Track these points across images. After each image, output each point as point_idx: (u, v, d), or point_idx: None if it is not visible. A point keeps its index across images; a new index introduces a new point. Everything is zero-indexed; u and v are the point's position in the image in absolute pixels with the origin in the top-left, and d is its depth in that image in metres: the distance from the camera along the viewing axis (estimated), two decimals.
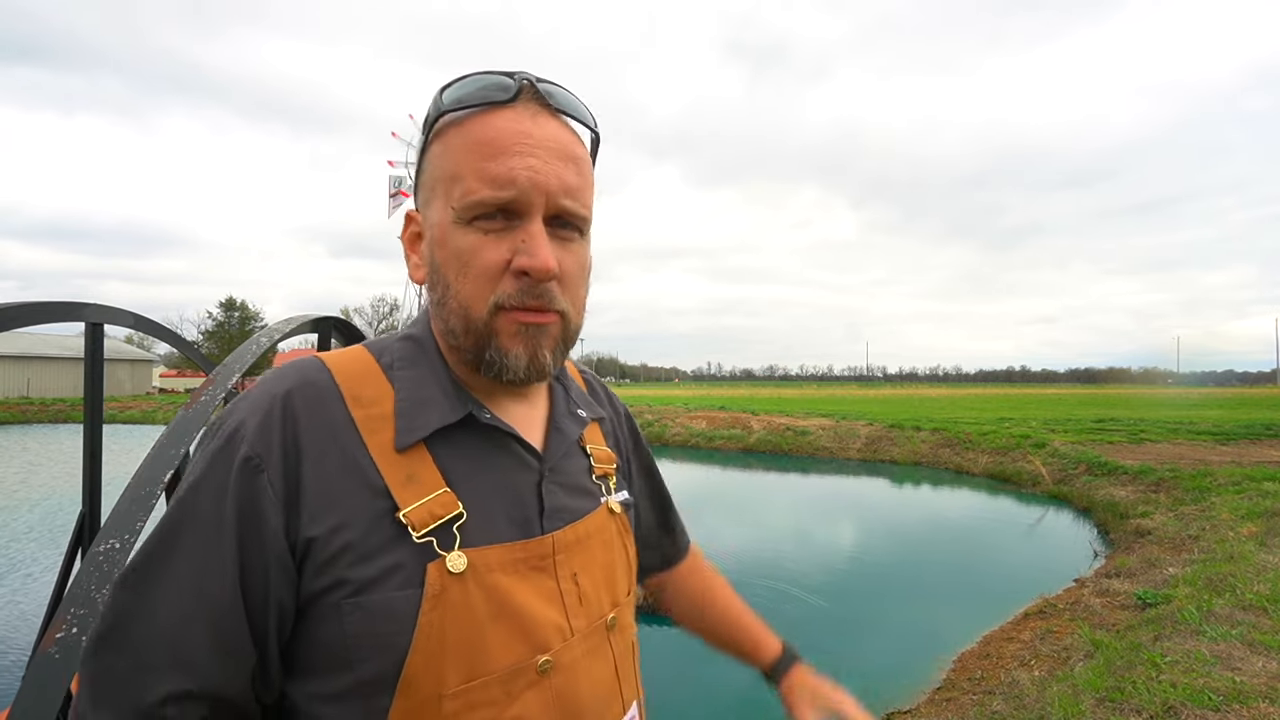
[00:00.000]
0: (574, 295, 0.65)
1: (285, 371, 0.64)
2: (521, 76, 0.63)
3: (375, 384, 0.64)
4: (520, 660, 0.60)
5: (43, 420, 30.07)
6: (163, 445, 2.12)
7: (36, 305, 2.80)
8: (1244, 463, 10.21)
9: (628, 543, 0.78)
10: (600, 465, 0.77)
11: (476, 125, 0.61)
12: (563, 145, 0.63)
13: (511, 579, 0.61)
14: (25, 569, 7.13)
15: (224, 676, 0.55)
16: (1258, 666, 3.23)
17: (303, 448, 0.58)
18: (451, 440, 0.64)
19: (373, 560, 0.57)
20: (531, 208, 0.60)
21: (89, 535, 3.34)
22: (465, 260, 0.61)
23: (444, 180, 0.63)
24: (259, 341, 3.00)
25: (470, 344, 0.63)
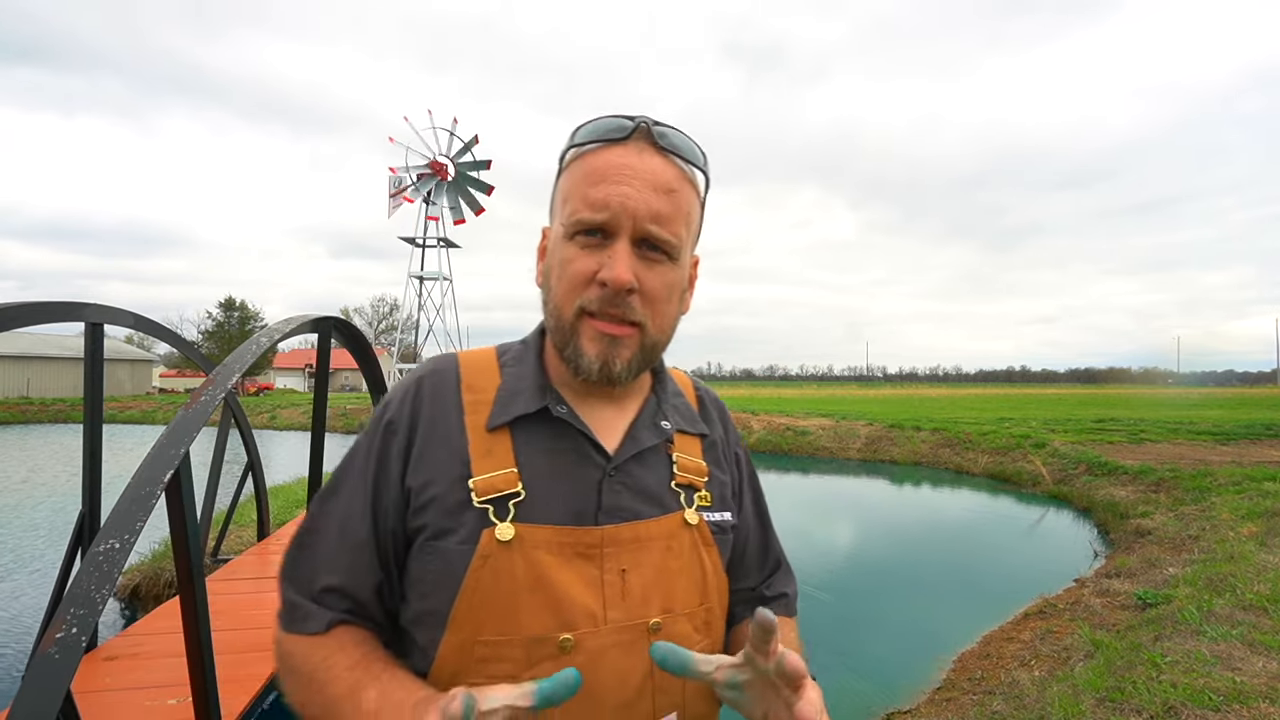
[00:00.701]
0: (656, 311, 0.72)
1: (427, 362, 0.81)
2: (641, 120, 0.72)
3: (488, 375, 0.78)
4: (545, 631, 0.67)
5: (43, 420, 30.05)
6: (163, 445, 2.12)
7: (36, 305, 2.80)
8: (1244, 463, 10.21)
9: (706, 556, 0.78)
10: (684, 475, 0.79)
11: (591, 158, 0.72)
12: (659, 178, 0.70)
13: (555, 558, 0.69)
14: (25, 569, 7.13)
15: (359, 584, 0.72)
16: (1258, 666, 3.23)
17: (421, 419, 0.74)
18: (532, 429, 0.74)
19: (448, 514, 0.70)
20: (620, 229, 0.69)
21: (89, 535, 3.34)
22: (564, 268, 0.71)
23: (561, 201, 0.74)
24: (259, 341, 3.00)
25: (559, 340, 0.74)
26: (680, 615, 0.74)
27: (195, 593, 2.28)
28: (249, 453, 5.98)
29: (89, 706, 2.76)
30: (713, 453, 0.85)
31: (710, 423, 0.88)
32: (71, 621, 1.57)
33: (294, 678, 0.72)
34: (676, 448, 0.80)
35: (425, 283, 14.55)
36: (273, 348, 2.95)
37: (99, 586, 1.67)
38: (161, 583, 5.79)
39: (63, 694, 1.47)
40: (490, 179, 14.54)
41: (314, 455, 3.89)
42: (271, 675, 3.30)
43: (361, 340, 4.58)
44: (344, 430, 24.61)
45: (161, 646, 3.52)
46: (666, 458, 0.79)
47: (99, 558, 1.72)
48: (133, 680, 3.17)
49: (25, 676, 1.51)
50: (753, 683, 0.63)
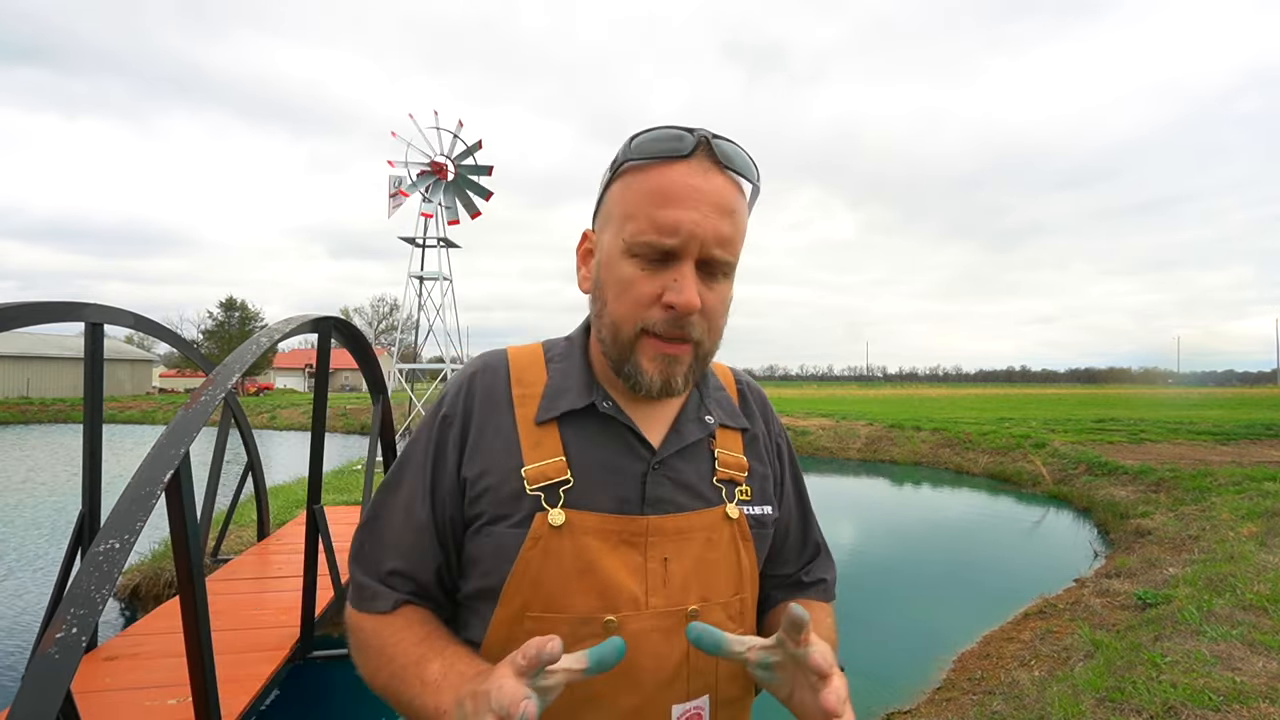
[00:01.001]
0: (713, 326, 0.75)
1: (479, 358, 0.86)
2: (700, 134, 0.72)
3: (536, 371, 0.82)
4: (591, 612, 0.72)
5: (43, 420, 30.06)
6: (163, 445, 2.12)
7: (36, 305, 2.80)
8: (1244, 463, 10.21)
9: (743, 550, 0.81)
10: (726, 470, 0.82)
11: (655, 174, 0.71)
12: (724, 200, 0.71)
13: (602, 544, 0.73)
14: (25, 569, 7.13)
15: (421, 567, 0.78)
16: (1258, 666, 3.23)
17: (475, 412, 0.79)
18: (579, 423, 0.78)
19: (501, 502, 0.74)
20: (687, 253, 0.70)
21: (89, 535, 3.34)
22: (624, 286, 0.73)
23: (620, 215, 0.74)
24: (259, 341, 3.00)
25: (615, 354, 0.76)
26: (716, 604, 0.77)
27: (195, 593, 2.28)
28: (249, 453, 5.98)
29: (89, 706, 2.76)
30: (754, 447, 0.87)
31: (751, 416, 0.90)
32: (71, 621, 1.57)
33: (364, 653, 0.77)
34: (718, 443, 0.83)
35: (425, 283, 14.55)
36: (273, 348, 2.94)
37: (99, 586, 1.67)
38: (161, 583, 5.79)
39: (63, 694, 1.47)
40: (490, 184, 14.55)
41: (314, 455, 3.89)
42: (271, 675, 3.30)
43: (361, 340, 4.58)
44: (344, 430, 24.61)
45: (161, 646, 3.52)
46: (709, 453, 0.82)
47: (99, 558, 1.72)
48: (133, 680, 3.17)
49: (25, 676, 1.51)
50: (783, 665, 0.65)
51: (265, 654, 3.47)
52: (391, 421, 5.06)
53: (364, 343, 4.60)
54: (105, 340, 3.36)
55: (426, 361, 18.68)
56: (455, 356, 14.60)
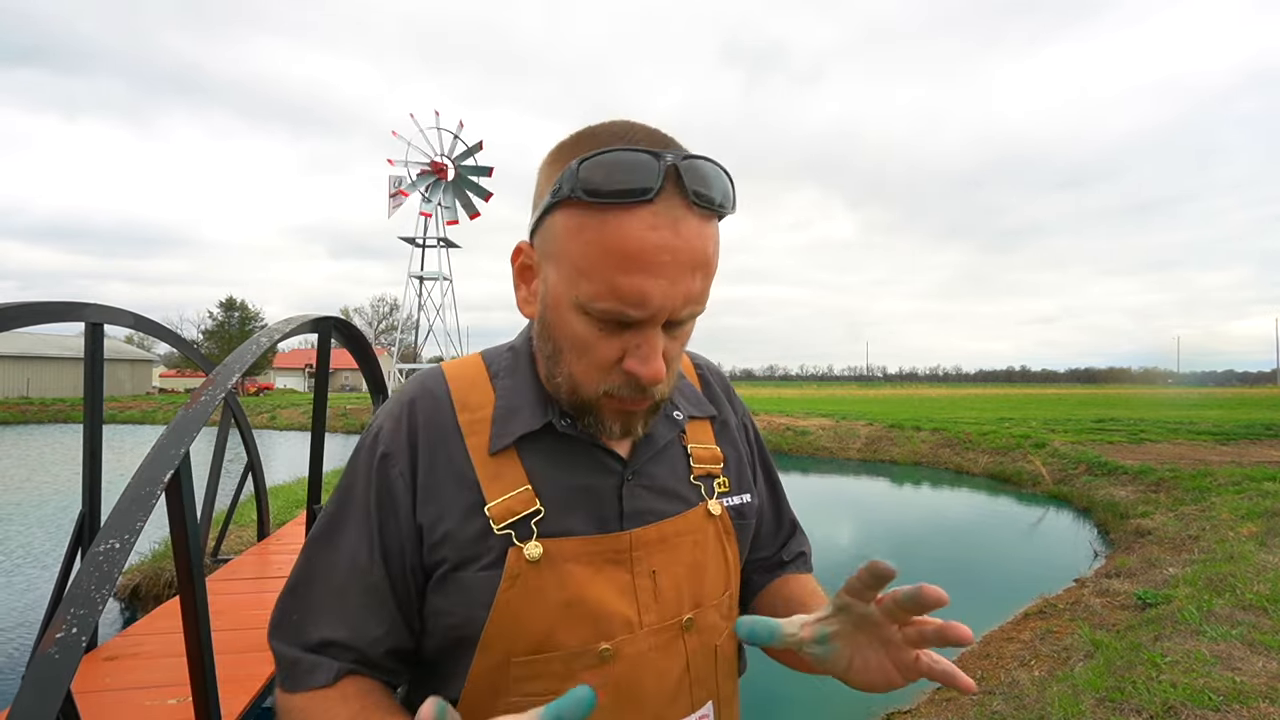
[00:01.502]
0: (673, 368, 0.67)
1: (413, 382, 0.75)
2: (667, 162, 0.57)
3: (481, 391, 0.73)
4: (584, 644, 0.66)
5: (43, 420, 30.06)
6: (163, 445, 2.12)
7: (36, 305, 2.80)
8: (1244, 463, 10.21)
9: (727, 545, 0.77)
10: (702, 465, 0.77)
11: (613, 225, 0.58)
12: (698, 253, 0.60)
13: (586, 569, 0.67)
14: (25, 569, 7.13)
15: (368, 633, 0.67)
16: (1258, 666, 3.23)
17: (419, 446, 0.69)
18: (538, 444, 0.70)
19: (465, 545, 0.66)
20: (654, 322, 0.61)
21: (89, 535, 3.34)
22: (580, 346, 0.64)
23: (570, 266, 0.61)
24: (259, 341, 3.00)
25: (572, 407, 0.68)
26: (709, 607, 0.74)
27: (195, 593, 2.28)
28: (249, 453, 5.98)
29: (89, 706, 2.76)
30: (725, 433, 0.83)
31: (717, 401, 0.85)
32: (71, 621, 1.57)
33: None
34: (689, 437, 0.78)
35: (425, 283, 14.54)
36: (273, 348, 2.93)
37: (99, 586, 1.67)
38: (161, 583, 5.79)
39: (63, 694, 1.47)
40: (490, 185, 14.53)
41: (314, 455, 3.89)
42: (271, 675, 3.30)
43: (361, 340, 4.58)
44: (344, 430, 24.61)
45: (161, 646, 3.52)
46: (682, 449, 0.77)
47: (99, 558, 1.72)
48: (133, 680, 3.17)
49: (25, 676, 1.51)
50: (842, 632, 0.59)
51: (265, 654, 3.47)
52: None
53: (364, 343, 4.60)
54: (105, 340, 3.36)
55: (426, 361, 18.69)
56: (455, 356, 14.62)
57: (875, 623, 0.58)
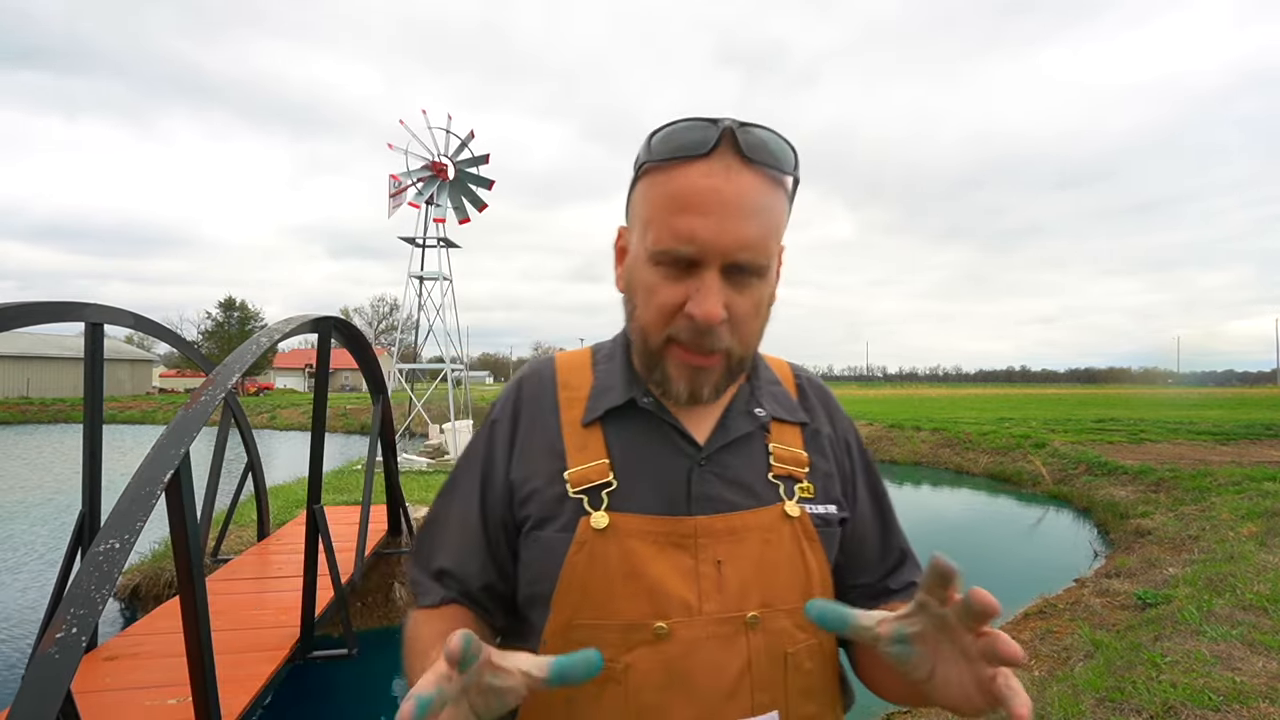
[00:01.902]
0: (743, 331, 0.70)
1: (529, 365, 0.87)
2: (724, 125, 0.66)
3: (582, 374, 0.82)
4: (640, 618, 0.68)
5: (43, 420, 30.07)
6: (163, 445, 2.12)
7: (36, 305, 2.80)
8: (1244, 463, 10.20)
9: (809, 551, 0.75)
10: (783, 466, 0.77)
11: (673, 178, 0.67)
12: (748, 200, 0.66)
13: (648, 547, 0.71)
14: (25, 569, 7.13)
15: (469, 568, 0.78)
16: (1258, 666, 3.23)
17: (521, 416, 0.80)
18: (623, 421, 0.76)
19: (546, 505, 0.73)
20: (708, 261, 0.66)
21: (89, 535, 3.34)
22: (649, 295, 0.70)
23: (642, 220, 0.71)
24: (259, 341, 3.00)
25: (644, 361, 0.74)
26: (780, 610, 0.71)
27: (195, 593, 2.28)
28: (249, 453, 5.98)
29: (89, 706, 2.76)
30: (815, 442, 0.82)
31: (812, 411, 0.84)
32: (71, 621, 1.57)
33: (405, 646, 0.76)
34: (774, 437, 0.78)
35: (425, 283, 14.54)
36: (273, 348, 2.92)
37: (99, 586, 1.67)
38: (161, 583, 5.79)
39: (63, 694, 1.47)
40: (489, 173, 14.56)
41: (314, 455, 3.89)
42: (271, 675, 3.30)
43: (361, 340, 4.58)
44: (344, 430, 24.62)
45: (161, 646, 3.53)
46: (763, 447, 0.77)
47: (99, 558, 1.72)
48: (133, 680, 3.17)
49: (25, 676, 1.51)
50: (922, 635, 0.56)
51: (265, 654, 3.48)
52: (391, 421, 5.07)
53: (364, 343, 4.60)
54: (105, 340, 3.36)
55: (426, 361, 18.68)
56: (455, 356, 14.60)
57: (953, 628, 0.54)
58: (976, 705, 0.55)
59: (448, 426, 13.18)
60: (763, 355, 0.86)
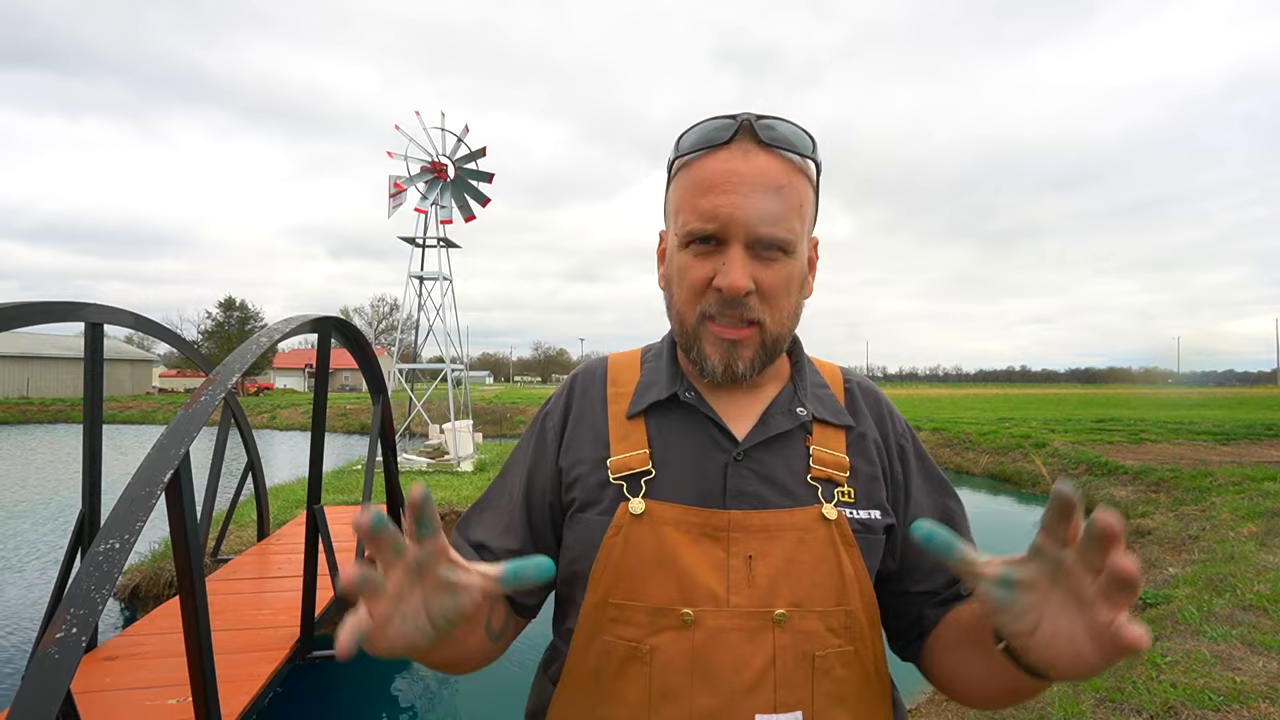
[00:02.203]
0: (775, 306, 0.74)
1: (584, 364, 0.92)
2: (743, 117, 0.73)
3: (631, 370, 0.86)
4: (668, 603, 0.71)
5: (43, 420, 30.05)
6: (163, 445, 2.12)
7: (36, 305, 2.79)
8: (1244, 463, 10.20)
9: (846, 555, 0.74)
10: (823, 468, 0.77)
11: (697, 167, 0.74)
12: (767, 178, 0.71)
13: (683, 536, 0.73)
14: (25, 569, 7.13)
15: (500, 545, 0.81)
16: (1258, 666, 3.23)
17: (572, 408, 0.85)
18: (665, 415, 0.80)
19: (590, 489, 0.78)
20: (732, 237, 0.71)
21: (89, 535, 3.33)
22: (682, 276, 0.75)
23: (673, 211, 0.77)
24: (259, 341, 3.00)
25: (684, 342, 0.79)
26: (811, 611, 0.71)
27: (195, 593, 2.28)
28: (249, 453, 5.98)
29: (89, 706, 2.76)
30: (860, 446, 0.81)
31: (859, 415, 0.84)
32: (71, 621, 1.57)
33: None
34: (815, 439, 0.79)
35: (425, 283, 14.54)
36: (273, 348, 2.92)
37: (99, 586, 1.67)
38: (161, 583, 5.79)
39: (63, 694, 1.47)
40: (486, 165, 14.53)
41: (314, 455, 3.89)
42: (271, 675, 3.30)
43: (361, 340, 4.58)
44: (344, 430, 24.61)
45: (161, 646, 3.53)
46: (804, 449, 0.78)
47: (99, 558, 1.72)
48: (133, 680, 3.17)
49: (25, 676, 1.51)
50: (1033, 582, 0.51)
51: (265, 654, 3.48)
52: (391, 421, 5.06)
53: (364, 343, 4.60)
54: (105, 340, 3.36)
55: (426, 361, 18.67)
56: (455, 356, 14.60)
57: (1072, 574, 0.50)
58: (1087, 659, 0.50)
59: (448, 426, 13.17)
60: (813, 359, 0.89)
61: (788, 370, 0.85)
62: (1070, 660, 0.51)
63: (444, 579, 0.54)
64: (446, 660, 0.72)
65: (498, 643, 0.78)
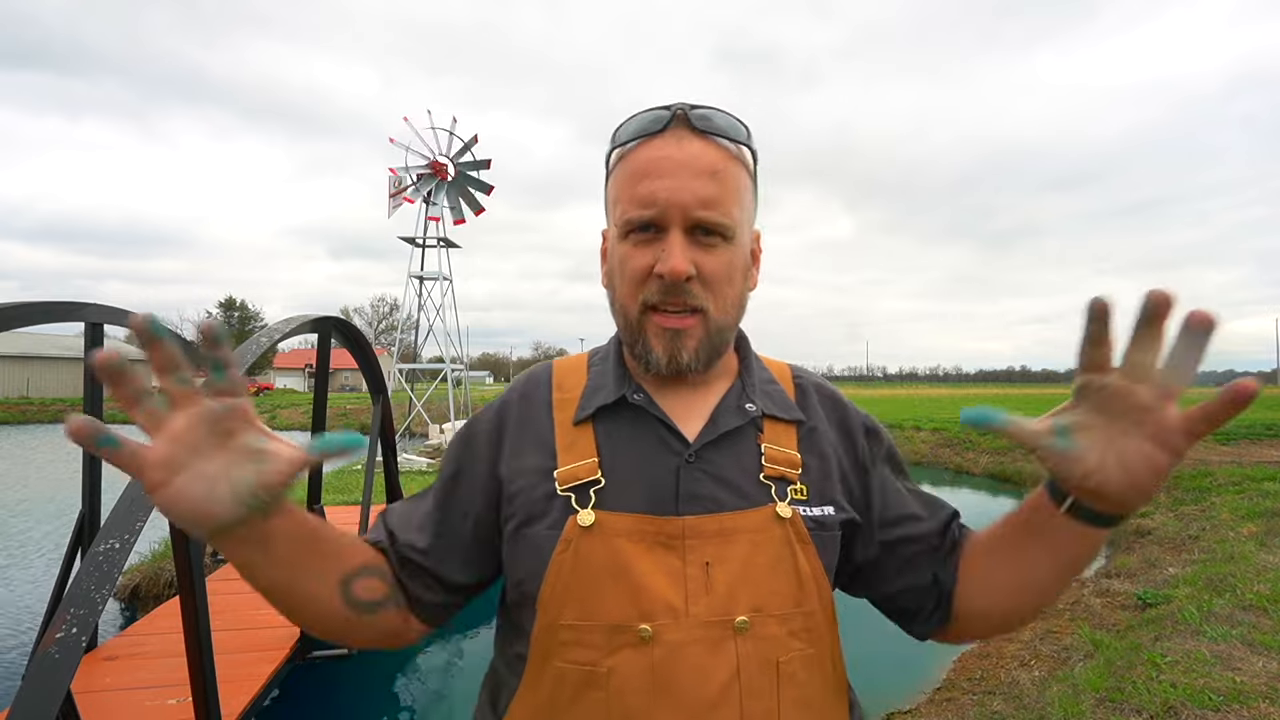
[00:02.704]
0: (718, 294, 0.72)
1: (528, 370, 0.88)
2: (677, 107, 0.73)
3: (577, 375, 0.82)
4: (625, 619, 0.67)
5: (43, 420, 30.04)
6: None
7: (37, 305, 2.79)
8: (1244, 463, 10.20)
9: (801, 554, 0.72)
10: (775, 466, 0.75)
11: (633, 156, 0.74)
12: (702, 163, 0.71)
13: (635, 546, 0.69)
14: (25, 569, 7.13)
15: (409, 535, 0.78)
16: (1258, 666, 3.23)
17: (514, 415, 0.80)
18: (613, 420, 0.77)
19: (534, 503, 0.73)
20: (670, 221, 0.70)
21: (89, 535, 3.34)
22: (623, 267, 0.74)
23: (612, 203, 0.76)
24: (259, 341, 3.00)
25: (627, 337, 0.77)
26: (771, 616, 0.69)
27: (195, 593, 2.28)
28: None
29: (89, 706, 2.76)
30: (811, 441, 0.79)
31: (810, 410, 0.81)
32: (72, 621, 1.57)
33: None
34: (766, 437, 0.76)
35: (425, 283, 14.55)
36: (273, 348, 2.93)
37: (99, 586, 1.67)
38: (161, 583, 5.79)
39: (63, 694, 1.47)
40: (489, 179, 14.58)
41: None
42: (271, 675, 3.30)
43: (361, 340, 4.58)
44: (344, 430, 24.56)
45: (161, 646, 3.53)
46: (755, 447, 0.75)
47: (99, 558, 1.72)
48: (133, 680, 3.17)
49: (25, 676, 1.51)
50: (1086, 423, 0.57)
51: (265, 654, 3.48)
52: (391, 421, 5.06)
53: (364, 343, 4.60)
54: (105, 340, 3.36)
55: (426, 361, 18.67)
56: (455, 356, 14.60)
57: (1122, 397, 0.54)
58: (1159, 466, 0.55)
59: (448, 426, 13.18)
60: (761, 357, 0.86)
61: (735, 367, 0.83)
62: (1142, 469, 0.55)
63: (248, 445, 0.53)
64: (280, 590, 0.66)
65: (362, 615, 0.72)
